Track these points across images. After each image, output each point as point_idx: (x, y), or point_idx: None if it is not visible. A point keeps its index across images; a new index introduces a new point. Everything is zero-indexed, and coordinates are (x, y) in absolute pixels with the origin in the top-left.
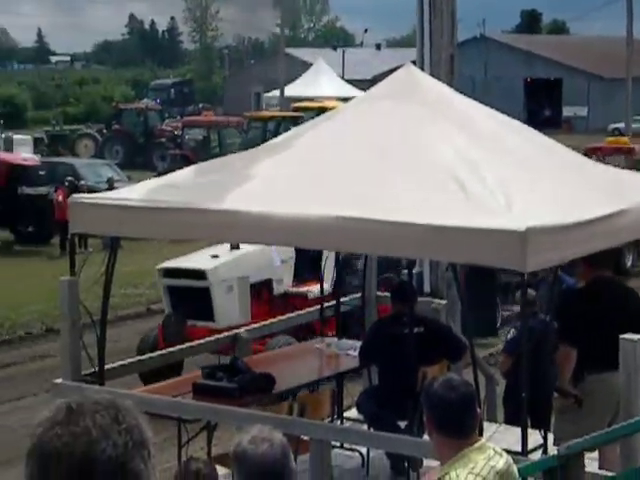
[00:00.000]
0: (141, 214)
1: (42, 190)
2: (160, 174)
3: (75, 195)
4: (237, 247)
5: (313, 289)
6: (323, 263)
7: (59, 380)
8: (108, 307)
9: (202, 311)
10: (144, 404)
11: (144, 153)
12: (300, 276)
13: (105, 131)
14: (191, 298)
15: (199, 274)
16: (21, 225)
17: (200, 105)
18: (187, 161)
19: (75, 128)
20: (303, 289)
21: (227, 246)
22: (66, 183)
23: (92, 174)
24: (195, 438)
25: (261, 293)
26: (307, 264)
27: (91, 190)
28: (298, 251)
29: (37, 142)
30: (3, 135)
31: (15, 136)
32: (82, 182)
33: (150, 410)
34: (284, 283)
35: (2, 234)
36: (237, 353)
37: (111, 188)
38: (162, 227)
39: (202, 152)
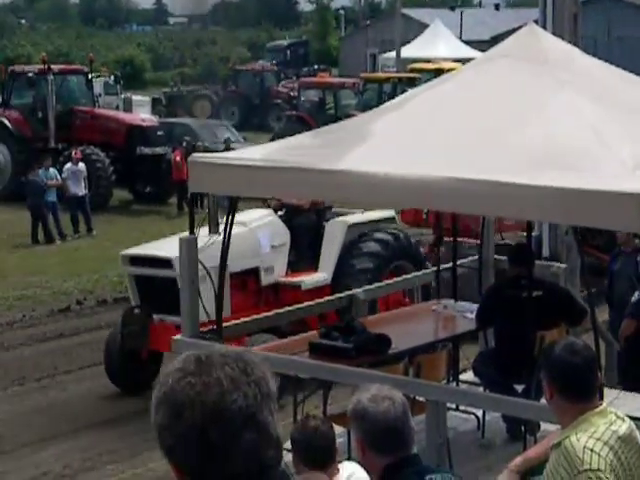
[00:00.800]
0: (259, 174)
1: (160, 150)
2: (276, 135)
3: (195, 155)
4: (216, 232)
5: (308, 279)
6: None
7: (178, 337)
8: (226, 266)
9: (170, 304)
10: None
11: (260, 114)
12: (296, 264)
13: (221, 92)
14: (158, 289)
15: (165, 262)
16: (139, 185)
17: (316, 66)
18: (303, 122)
19: (192, 89)
20: (296, 279)
21: (205, 231)
22: (183, 144)
23: (209, 135)
24: (309, 397)
25: (246, 283)
26: (304, 251)
27: (208, 151)
28: (294, 236)
29: (155, 103)
30: (122, 96)
31: (134, 97)
32: (199, 143)
33: None
34: (275, 272)
35: (121, 194)
36: (353, 313)
37: (228, 149)
38: (279, 187)
39: (317, 113)
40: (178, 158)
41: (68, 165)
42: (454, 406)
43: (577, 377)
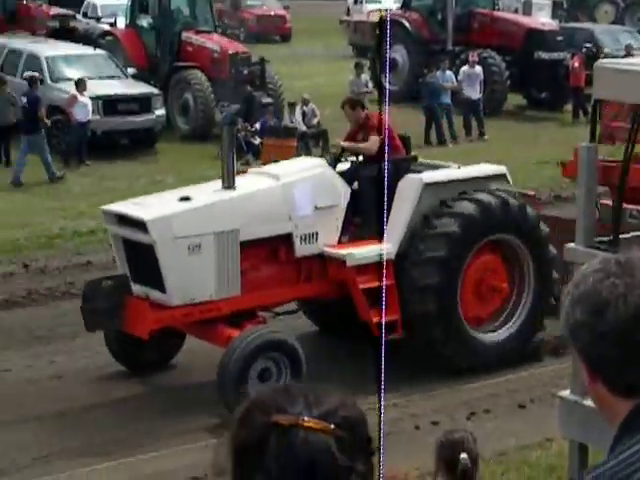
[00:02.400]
0: None
1: (558, 56)
2: None
3: (601, 60)
4: (231, 187)
5: (358, 252)
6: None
7: (571, 245)
8: (625, 179)
9: (152, 277)
10: None
11: None
12: (362, 230)
13: None
14: (140, 257)
15: (141, 225)
16: (535, 91)
17: None
18: None
19: None
20: (343, 251)
21: (217, 184)
22: (583, 50)
23: (611, 41)
24: None
25: (274, 254)
26: (372, 213)
27: (609, 57)
28: (361, 194)
29: (556, 6)
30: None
31: (535, 0)
32: (601, 49)
33: None
34: (320, 241)
35: (515, 99)
36: None
37: (629, 55)
38: None
39: None
40: (577, 64)
41: (464, 68)
42: None
43: None
